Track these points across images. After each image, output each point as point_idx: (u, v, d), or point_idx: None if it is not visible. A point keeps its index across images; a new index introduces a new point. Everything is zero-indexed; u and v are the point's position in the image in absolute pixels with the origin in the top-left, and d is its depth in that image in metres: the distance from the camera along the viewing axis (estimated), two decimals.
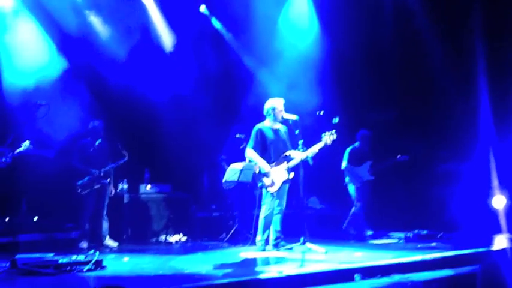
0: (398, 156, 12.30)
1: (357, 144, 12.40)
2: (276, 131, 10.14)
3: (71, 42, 11.82)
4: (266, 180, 9.86)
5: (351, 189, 12.27)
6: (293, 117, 9.96)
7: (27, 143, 9.33)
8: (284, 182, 9.93)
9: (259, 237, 9.99)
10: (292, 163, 9.92)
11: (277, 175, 9.88)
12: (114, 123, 11.67)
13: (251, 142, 10.06)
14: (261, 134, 10.05)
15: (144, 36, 12.87)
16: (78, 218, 11.03)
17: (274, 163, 9.92)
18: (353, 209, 12.25)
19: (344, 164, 12.23)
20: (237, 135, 11.82)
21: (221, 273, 7.89)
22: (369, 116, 14.22)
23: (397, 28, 13.63)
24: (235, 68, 13.92)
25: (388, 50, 13.64)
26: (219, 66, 13.54)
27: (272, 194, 9.87)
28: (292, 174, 9.92)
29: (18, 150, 9.23)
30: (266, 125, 10.17)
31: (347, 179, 12.27)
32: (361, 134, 12.42)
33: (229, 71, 13.84)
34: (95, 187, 10.91)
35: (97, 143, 10.95)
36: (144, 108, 12.61)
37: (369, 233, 11.99)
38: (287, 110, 10.15)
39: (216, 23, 14.03)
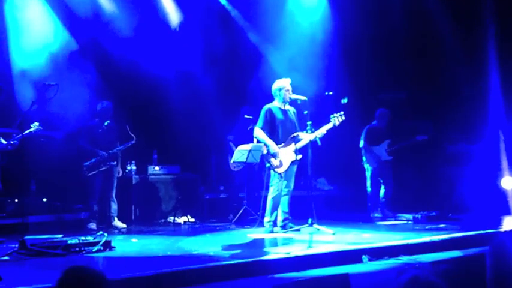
0: (417, 136, 12.18)
1: (374, 122, 12.27)
2: (285, 112, 10.10)
3: (77, 20, 11.75)
4: (274, 161, 9.83)
5: (367, 169, 12.19)
6: (301, 97, 9.93)
7: (36, 124, 9.30)
8: (292, 163, 9.90)
9: (267, 219, 10.00)
10: (300, 144, 9.89)
11: (285, 156, 9.85)
12: (122, 105, 11.66)
13: (260, 122, 10.03)
14: (270, 114, 10.02)
15: (151, 13, 12.77)
16: (87, 199, 11.05)
17: (283, 144, 9.89)
18: (381, 191, 12.14)
19: (361, 143, 12.11)
20: (246, 116, 11.81)
21: (229, 254, 7.92)
22: (378, 96, 14.16)
23: (407, 8, 13.52)
24: (243, 47, 13.83)
25: (398, 30, 13.53)
26: (226, 45, 13.46)
27: (280, 174, 9.86)
28: (300, 156, 9.90)
29: (27, 132, 9.21)
30: (275, 105, 10.13)
31: (364, 159, 12.16)
32: (379, 112, 12.20)
33: (237, 50, 13.75)
34: (102, 169, 10.89)
35: (106, 123, 10.92)
36: (152, 89, 12.55)
37: (377, 215, 11.95)
38: (295, 91, 10.11)
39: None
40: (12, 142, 9.04)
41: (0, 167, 8.87)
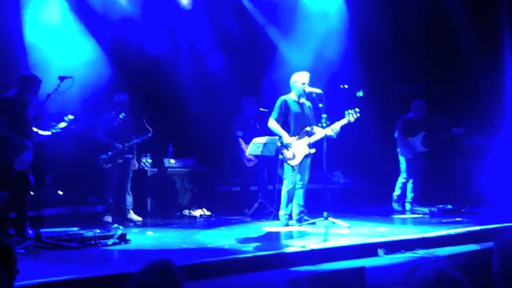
0: (453, 129, 12.08)
1: (410, 114, 12.16)
2: (300, 105, 10.06)
3: (91, 12, 11.77)
4: (287, 153, 9.80)
5: (401, 160, 12.08)
6: (317, 90, 9.89)
7: (71, 116, 9.10)
8: (305, 157, 9.87)
9: (282, 212, 9.97)
10: (313, 138, 9.85)
11: (299, 149, 9.80)
12: (137, 98, 11.67)
13: (274, 113, 10.00)
14: (285, 105, 9.98)
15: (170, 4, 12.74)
16: (103, 192, 11.06)
17: (297, 137, 9.86)
18: (409, 185, 12.04)
19: (396, 133, 12.02)
20: (261, 109, 11.80)
21: (244, 247, 7.92)
22: (394, 89, 14.10)
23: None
24: (258, 40, 13.79)
25: (414, 22, 13.47)
26: (242, 38, 13.44)
27: (293, 167, 9.83)
28: (313, 150, 9.85)
29: (63, 126, 9.01)
30: (291, 97, 10.10)
31: (398, 149, 12.08)
32: (415, 103, 12.07)
33: (252, 43, 13.71)
34: (119, 162, 10.89)
35: (121, 116, 10.89)
36: (167, 82, 12.58)
37: (398, 208, 11.87)
38: (310, 83, 10.06)
39: None
40: (54, 131, 8.83)
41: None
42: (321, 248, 7.70)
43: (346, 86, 10.50)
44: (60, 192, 11.32)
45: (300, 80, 9.99)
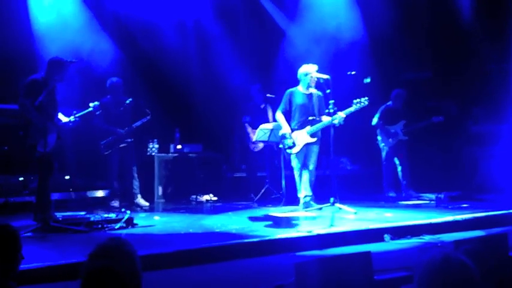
0: (433, 117, 12.07)
1: (390, 103, 12.16)
2: (309, 96, 10.07)
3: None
4: (287, 141, 9.92)
5: (383, 149, 12.11)
6: (324, 76, 9.86)
7: (96, 103, 9.08)
8: (307, 144, 9.90)
9: (303, 193, 9.97)
10: (316, 126, 9.86)
11: (299, 137, 9.87)
12: (144, 83, 11.67)
13: (281, 105, 10.13)
14: (290, 97, 10.08)
15: None
16: (106, 177, 11.07)
17: (298, 125, 9.91)
18: (399, 172, 12.05)
19: (375, 120, 12.01)
20: (268, 95, 11.80)
21: (251, 232, 7.93)
22: (402, 76, 14.05)
23: None
24: (266, 26, 13.78)
25: (423, 9, 13.40)
26: (250, 24, 13.44)
27: (295, 155, 9.92)
28: (315, 139, 9.89)
29: (86, 111, 8.97)
30: (299, 89, 10.12)
31: (379, 138, 12.09)
32: (395, 93, 12.10)
33: (260, 28, 13.70)
34: (121, 146, 10.82)
35: (127, 101, 10.76)
36: (174, 67, 12.57)
37: (391, 194, 11.90)
38: (319, 69, 10.03)
39: None
40: (73, 119, 8.83)
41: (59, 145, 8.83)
42: (327, 233, 7.70)
43: (353, 73, 10.48)
44: (67, 177, 11.34)
45: (309, 72, 9.97)
